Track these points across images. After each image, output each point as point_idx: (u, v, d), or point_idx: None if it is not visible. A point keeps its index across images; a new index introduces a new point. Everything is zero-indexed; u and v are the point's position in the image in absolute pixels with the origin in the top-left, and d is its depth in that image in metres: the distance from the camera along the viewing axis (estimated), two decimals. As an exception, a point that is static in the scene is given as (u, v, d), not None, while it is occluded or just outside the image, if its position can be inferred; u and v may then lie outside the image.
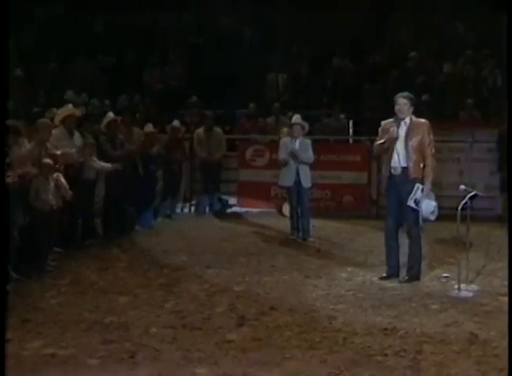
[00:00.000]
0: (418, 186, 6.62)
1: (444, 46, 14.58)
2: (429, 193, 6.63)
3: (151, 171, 10.22)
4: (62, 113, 8.54)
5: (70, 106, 8.69)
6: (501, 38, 13.10)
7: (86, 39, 15.50)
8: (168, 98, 14.30)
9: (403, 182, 6.67)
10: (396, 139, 6.67)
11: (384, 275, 6.90)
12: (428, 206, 6.61)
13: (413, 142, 6.63)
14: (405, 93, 6.80)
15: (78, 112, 9.08)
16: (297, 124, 9.40)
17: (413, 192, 6.62)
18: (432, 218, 6.67)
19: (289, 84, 14.58)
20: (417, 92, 12.74)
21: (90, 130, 9.39)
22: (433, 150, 6.65)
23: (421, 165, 6.65)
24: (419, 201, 6.58)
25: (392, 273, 6.86)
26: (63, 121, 8.45)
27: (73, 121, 8.57)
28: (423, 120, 6.78)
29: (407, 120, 6.70)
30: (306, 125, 9.58)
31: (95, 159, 8.77)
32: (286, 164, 9.30)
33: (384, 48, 14.89)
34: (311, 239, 9.21)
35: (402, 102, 6.68)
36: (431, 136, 6.67)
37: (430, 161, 6.63)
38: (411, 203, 6.62)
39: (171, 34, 16.10)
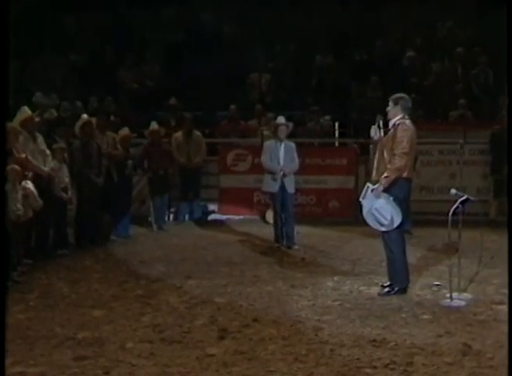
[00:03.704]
0: (368, 185, 6.66)
1: (434, 44, 14.70)
2: (380, 195, 6.50)
3: (126, 177, 10.20)
4: (20, 116, 8.44)
5: (26, 108, 8.64)
6: (493, 35, 13.24)
7: (56, 36, 15.37)
8: (145, 99, 14.26)
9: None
10: (379, 139, 6.76)
11: (384, 284, 6.86)
12: (368, 208, 6.56)
13: (387, 143, 6.64)
14: (395, 95, 6.82)
15: (36, 115, 9.01)
16: (282, 124, 9.42)
17: (364, 190, 6.68)
18: (371, 222, 6.59)
19: (272, 85, 14.61)
20: (407, 91, 12.88)
21: (63, 134, 9.34)
22: (403, 150, 6.51)
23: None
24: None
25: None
26: (23, 125, 8.36)
27: (32, 124, 8.49)
28: (404, 121, 6.68)
29: (392, 122, 6.72)
30: (291, 125, 9.62)
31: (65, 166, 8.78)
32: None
33: (371, 45, 14.96)
34: (296, 246, 9.22)
35: (389, 103, 6.77)
36: (402, 134, 6.55)
37: (395, 160, 6.52)
38: (362, 202, 6.67)
39: (147, 31, 16.05)
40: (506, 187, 9.12)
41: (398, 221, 6.55)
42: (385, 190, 6.55)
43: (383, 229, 6.64)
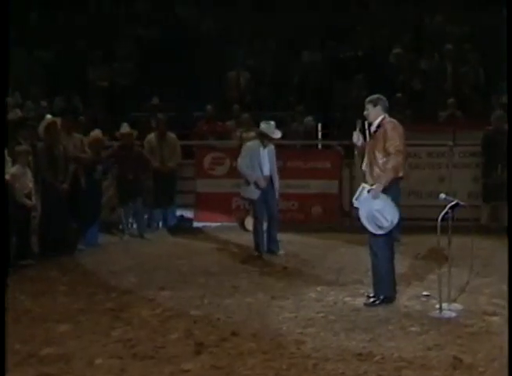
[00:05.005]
0: (364, 185, 6.71)
1: (422, 40, 14.80)
2: (378, 196, 6.56)
3: (95, 182, 10.14)
4: None
5: None
6: (484, 32, 13.37)
7: (20, 30, 15.22)
8: (116, 99, 14.20)
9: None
10: (363, 144, 6.84)
11: (370, 295, 6.88)
12: (368, 210, 6.59)
13: (377, 144, 6.72)
14: (370, 97, 6.95)
15: None
16: (272, 138, 9.29)
17: (358, 191, 6.72)
18: (370, 226, 6.60)
19: (251, 83, 14.62)
20: (393, 90, 12.98)
21: (27, 136, 9.26)
22: (397, 148, 6.62)
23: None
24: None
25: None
26: None
27: None
28: (390, 119, 6.84)
29: (375, 123, 6.82)
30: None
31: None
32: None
33: (356, 41, 15.04)
34: (281, 251, 9.24)
35: (366, 107, 6.90)
36: (392, 133, 6.67)
37: (390, 160, 6.62)
38: (356, 203, 6.71)
39: (119, 26, 15.99)
40: (507, 190, 9.15)
41: (395, 221, 6.62)
42: (383, 191, 6.62)
43: (380, 232, 6.66)
